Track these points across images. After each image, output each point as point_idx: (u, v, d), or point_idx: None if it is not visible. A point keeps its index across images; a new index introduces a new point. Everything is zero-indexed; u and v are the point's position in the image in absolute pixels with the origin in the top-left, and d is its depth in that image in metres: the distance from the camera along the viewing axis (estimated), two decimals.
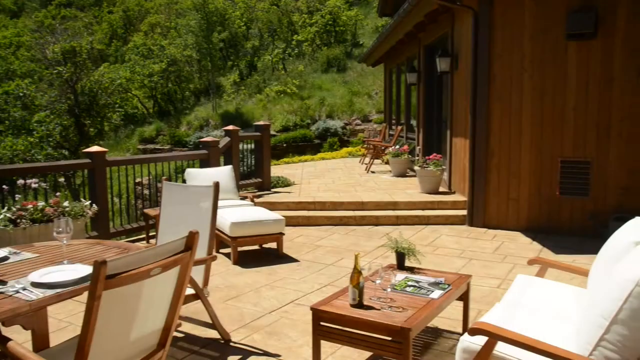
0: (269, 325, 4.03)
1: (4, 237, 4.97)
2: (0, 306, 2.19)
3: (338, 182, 10.03)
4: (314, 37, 28.47)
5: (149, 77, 27.04)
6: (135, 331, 2.32)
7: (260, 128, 9.08)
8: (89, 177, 6.44)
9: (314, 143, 19.87)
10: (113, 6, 43.52)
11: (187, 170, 6.59)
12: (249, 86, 26.93)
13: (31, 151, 19.23)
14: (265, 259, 5.91)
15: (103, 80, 22.98)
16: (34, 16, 47.53)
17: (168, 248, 2.27)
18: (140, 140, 25.03)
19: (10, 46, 40.21)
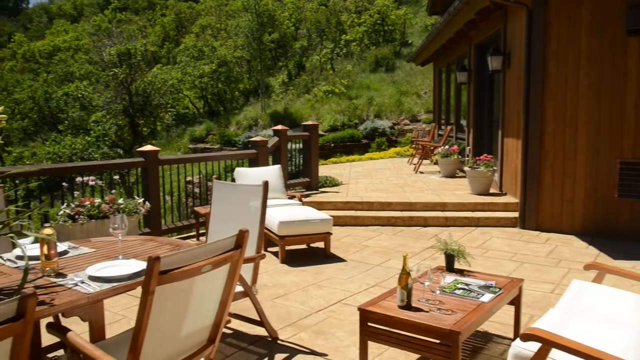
0: (316, 324, 4.04)
1: (64, 232, 5.18)
2: (61, 298, 2.28)
3: (386, 182, 9.96)
4: (363, 36, 28.38)
5: (200, 77, 27.61)
6: (186, 326, 2.37)
7: (308, 128, 9.12)
8: (142, 175, 6.63)
9: (362, 143, 19.80)
10: (166, 9, 44.70)
11: (237, 169, 6.69)
12: (298, 86, 27.10)
13: (88, 150, 19.98)
14: (313, 258, 5.93)
15: (156, 81, 23.64)
16: (92, 20, 49.39)
17: (219, 246, 2.30)
18: (190, 140, 25.59)
19: (70, 49, 41.94)
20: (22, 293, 1.65)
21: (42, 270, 2.60)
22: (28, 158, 21.53)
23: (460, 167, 10.49)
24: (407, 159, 13.88)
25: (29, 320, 1.67)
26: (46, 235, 2.55)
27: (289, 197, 6.94)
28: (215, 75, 27.69)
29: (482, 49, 10.13)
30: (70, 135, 22.19)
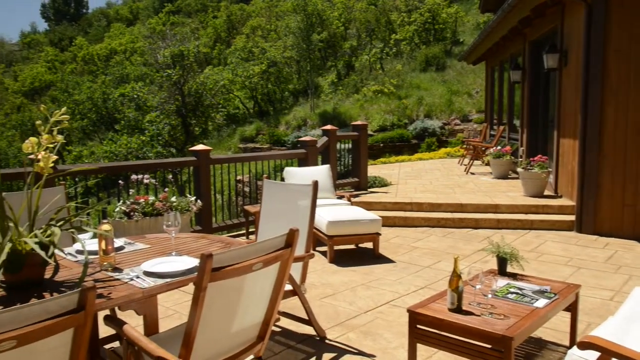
0: (364, 325, 4.02)
1: (120, 228, 5.36)
2: (117, 292, 2.36)
3: (436, 183, 9.82)
4: (413, 35, 28.07)
5: (250, 78, 27.98)
6: (237, 323, 2.41)
7: (357, 128, 9.10)
8: (194, 174, 6.78)
9: (411, 143, 19.59)
10: (217, 11, 45.56)
11: (286, 168, 6.74)
12: (347, 86, 27.07)
13: (143, 149, 20.61)
14: (361, 258, 5.91)
15: (207, 82, 24.13)
16: (147, 23, 50.88)
17: (269, 244, 2.32)
18: (240, 139, 25.97)
19: (126, 52, 43.37)
20: (82, 286, 1.71)
21: (100, 264, 2.69)
22: (87, 157, 22.38)
23: (513, 168, 10.23)
24: (458, 159, 13.64)
25: (89, 312, 1.73)
26: (104, 231, 2.64)
27: (338, 197, 6.94)
28: (265, 75, 28.00)
29: (537, 47, 9.84)
30: (126, 134, 22.94)
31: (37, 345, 1.64)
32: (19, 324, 1.57)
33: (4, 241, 2.31)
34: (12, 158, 24.08)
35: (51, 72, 45.66)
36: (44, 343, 1.66)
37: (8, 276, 2.33)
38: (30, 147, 2.52)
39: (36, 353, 1.67)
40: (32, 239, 2.32)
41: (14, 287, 2.38)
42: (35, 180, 2.55)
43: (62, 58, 50.05)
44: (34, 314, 1.61)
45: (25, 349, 1.60)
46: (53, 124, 2.56)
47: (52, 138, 2.56)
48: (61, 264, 2.73)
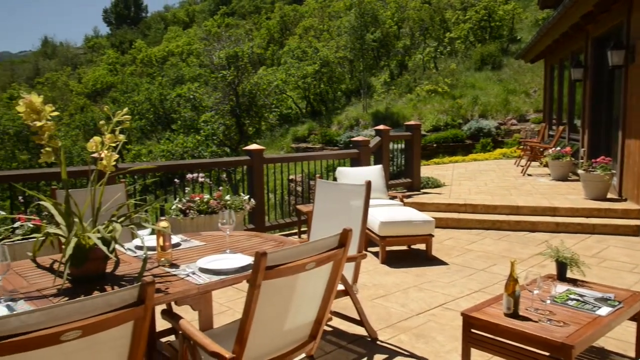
0: (416, 327, 3.97)
1: (176, 225, 5.50)
2: (174, 287, 2.42)
3: (491, 184, 9.59)
4: (468, 33, 27.52)
5: (303, 78, 28.17)
6: (289, 321, 2.43)
7: (410, 128, 9.00)
8: (248, 173, 6.88)
9: (466, 143, 19.21)
10: (271, 12, 46.12)
11: (339, 168, 6.75)
12: (399, 86, 26.85)
13: (198, 148, 21.11)
14: (414, 260, 5.84)
15: (261, 82, 24.46)
16: (203, 25, 52.09)
17: (323, 244, 2.33)
18: (293, 139, 26.18)
19: (182, 54, 44.55)
20: (142, 281, 1.77)
21: (157, 260, 2.77)
22: (145, 155, 23.13)
23: (573, 170, 9.85)
24: (514, 160, 13.27)
25: (148, 305, 1.78)
26: (162, 227, 2.72)
27: (390, 197, 6.89)
28: (317, 75, 28.13)
29: (601, 43, 9.44)
30: (182, 134, 23.56)
31: (100, 335, 1.70)
32: (84, 315, 1.64)
33: (69, 236, 2.41)
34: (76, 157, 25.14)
35: (112, 74, 47.47)
36: (106, 334, 1.72)
37: (73, 269, 2.43)
38: (94, 146, 2.62)
39: (99, 343, 1.74)
40: (95, 234, 2.41)
41: (78, 280, 2.48)
42: (98, 178, 2.65)
43: (123, 60, 51.92)
44: (97, 306, 1.68)
45: (89, 338, 1.66)
46: (115, 124, 2.66)
47: (115, 137, 2.65)
48: (121, 259, 2.83)
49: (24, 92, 2.51)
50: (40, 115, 2.46)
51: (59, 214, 2.56)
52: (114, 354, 1.83)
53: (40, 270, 2.71)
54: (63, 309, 1.61)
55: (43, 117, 2.46)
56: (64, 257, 2.32)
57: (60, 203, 2.59)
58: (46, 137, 2.48)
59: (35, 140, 2.51)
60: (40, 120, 2.46)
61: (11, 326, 1.52)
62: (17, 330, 1.52)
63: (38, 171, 5.68)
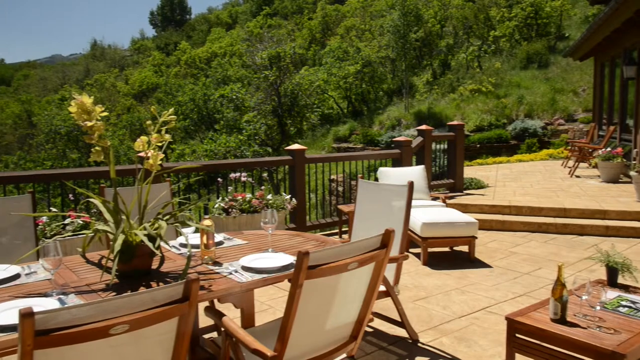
0: (458, 330, 3.91)
1: (219, 223, 5.59)
2: (217, 285, 2.46)
3: (536, 186, 9.35)
4: (513, 31, 26.91)
5: (344, 78, 28.15)
6: (331, 321, 2.43)
7: (453, 128, 8.87)
8: (290, 172, 6.92)
9: (510, 144, 18.80)
10: (313, 13, 46.27)
11: (380, 169, 6.71)
12: (442, 85, 26.50)
13: (241, 148, 21.37)
14: (456, 261, 5.75)
15: (303, 82, 24.57)
16: (246, 26, 52.74)
17: (365, 244, 2.32)
18: (334, 139, 26.20)
19: (226, 54, 45.22)
20: (187, 278, 1.80)
21: (201, 258, 2.82)
22: (188, 155, 23.57)
23: (625, 171, 9.50)
24: (561, 161, 12.91)
25: (192, 302, 1.81)
26: (206, 226, 2.76)
27: (432, 198, 6.81)
28: (359, 75, 28.07)
29: None
30: (225, 134, 23.91)
31: (146, 330, 1.74)
32: (131, 309, 1.68)
33: (117, 233, 2.48)
34: (122, 155, 25.87)
35: (157, 75, 48.62)
36: (152, 329, 1.76)
37: (120, 265, 2.50)
38: (141, 145, 2.68)
39: (145, 337, 1.78)
40: (141, 232, 2.47)
41: (125, 276, 2.55)
42: (144, 177, 2.71)
43: (168, 62, 53.11)
44: (144, 301, 1.72)
45: (136, 333, 1.71)
46: (161, 124, 2.72)
47: (161, 137, 2.71)
48: (166, 256, 2.89)
49: (75, 93, 2.59)
50: (91, 116, 2.54)
51: (108, 212, 2.63)
52: (159, 349, 1.87)
53: (89, 266, 2.79)
54: (111, 304, 1.66)
55: (93, 118, 2.54)
56: (112, 253, 2.38)
57: (108, 201, 2.67)
58: (96, 137, 2.56)
59: (86, 140, 2.58)
60: (91, 120, 2.53)
61: (63, 319, 1.57)
62: (68, 323, 1.58)
63: (87, 170, 5.87)
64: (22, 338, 1.50)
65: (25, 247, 3.39)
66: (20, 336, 1.50)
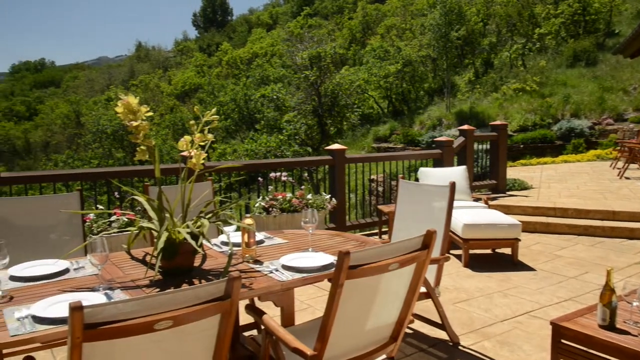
0: (500, 334, 3.83)
1: (259, 223, 5.64)
2: (258, 283, 2.48)
3: (583, 187, 9.07)
4: (559, 29, 26.21)
5: (385, 78, 28.00)
6: (371, 321, 2.41)
7: (496, 128, 8.70)
8: (330, 172, 6.92)
9: (555, 144, 18.31)
10: (353, 12, 46.19)
11: (421, 169, 6.64)
12: (484, 84, 26.04)
13: (281, 147, 21.52)
14: (498, 264, 5.63)
15: (343, 82, 24.55)
16: (286, 27, 53.10)
17: (406, 245, 2.30)
18: (374, 139, 26.10)
19: (266, 55, 45.65)
20: (229, 276, 1.82)
21: (242, 256, 2.85)
22: (229, 154, 23.90)
23: None
24: (610, 162, 12.49)
25: (234, 300, 1.83)
26: (247, 224, 2.79)
27: (474, 199, 6.69)
28: (400, 75, 27.86)
29: None
30: (265, 133, 24.13)
31: (189, 326, 1.77)
32: (174, 306, 1.71)
33: (161, 230, 2.53)
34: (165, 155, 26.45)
35: (199, 75, 49.51)
36: (194, 325, 1.79)
37: (164, 262, 2.55)
38: (185, 144, 2.73)
39: (188, 334, 1.81)
40: (184, 229, 2.52)
41: (168, 272, 2.60)
42: (187, 176, 2.76)
43: (209, 62, 53.99)
44: (186, 298, 1.74)
45: (179, 329, 1.74)
46: (204, 123, 2.76)
47: (203, 137, 2.75)
48: (208, 254, 2.93)
49: (122, 94, 2.66)
50: (136, 116, 2.59)
51: (152, 209, 2.69)
52: (201, 345, 1.90)
53: (134, 262, 2.86)
54: (156, 300, 1.69)
55: (139, 118, 2.60)
56: (156, 250, 2.43)
57: (153, 199, 2.72)
58: (141, 136, 2.62)
59: (131, 139, 2.65)
60: (136, 120, 2.59)
61: (109, 313, 1.61)
62: (114, 317, 1.62)
63: (132, 168, 6.02)
64: (71, 331, 1.54)
65: (74, 243, 3.50)
66: (70, 329, 1.54)
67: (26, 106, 59.21)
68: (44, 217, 3.54)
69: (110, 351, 1.67)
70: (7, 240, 2.41)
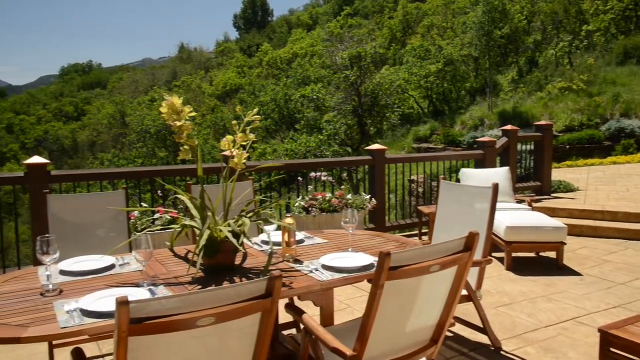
0: (544, 340, 3.72)
1: (299, 222, 5.66)
2: (298, 282, 2.48)
3: (634, 190, 8.74)
4: (609, 25, 25.36)
5: (425, 77, 27.70)
6: (411, 323, 2.39)
7: (540, 128, 8.49)
8: (369, 172, 6.89)
9: (603, 145, 17.72)
10: (394, 12, 45.87)
11: (462, 170, 6.54)
12: (528, 83, 25.45)
13: (320, 147, 21.56)
14: (542, 268, 5.49)
15: (383, 82, 24.42)
16: (326, 27, 53.19)
17: (448, 246, 2.26)
18: (414, 139, 25.85)
19: (306, 55, 45.84)
20: (271, 274, 1.83)
21: (282, 255, 2.86)
22: (269, 154, 24.10)
23: None
24: None
25: (275, 298, 1.84)
26: (288, 224, 2.80)
27: (517, 201, 6.54)
28: (440, 74, 27.51)
29: None
30: (305, 133, 24.22)
31: (230, 324, 1.79)
32: (216, 303, 1.73)
33: (203, 228, 2.57)
34: (206, 154, 26.87)
35: (240, 76, 50.12)
36: (236, 323, 1.80)
37: (205, 259, 2.59)
38: (227, 144, 2.76)
39: (229, 331, 1.83)
40: (226, 228, 2.55)
41: (210, 270, 2.63)
42: (229, 175, 2.79)
43: (250, 63, 54.61)
44: (228, 296, 1.76)
45: (220, 326, 1.76)
46: (246, 123, 2.78)
47: (245, 136, 2.78)
48: (248, 252, 2.96)
49: (166, 94, 2.71)
50: (180, 116, 2.64)
51: (195, 208, 2.73)
52: (241, 343, 1.92)
53: (176, 259, 2.91)
54: (198, 297, 1.72)
55: (182, 118, 2.65)
56: (198, 247, 2.47)
57: (195, 197, 2.77)
58: (184, 136, 2.66)
59: (175, 139, 2.70)
60: (180, 120, 2.64)
61: (153, 309, 1.64)
62: (157, 312, 1.65)
63: (175, 167, 6.13)
64: (118, 325, 1.58)
65: (119, 239, 3.59)
66: (117, 323, 1.58)
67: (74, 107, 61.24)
68: (92, 214, 3.65)
69: (153, 346, 1.71)
70: (58, 235, 2.49)
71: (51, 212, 3.51)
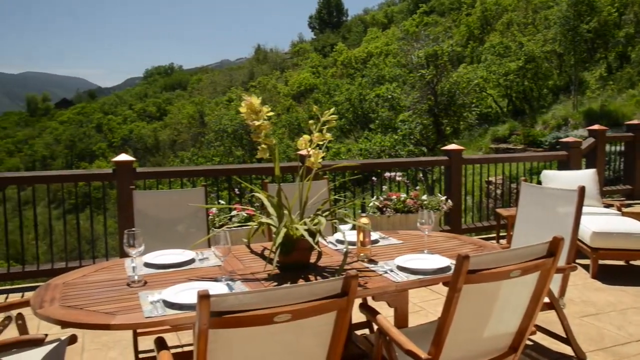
0: (635, 355, 3.49)
1: (373, 222, 5.62)
2: (373, 282, 2.47)
3: None
4: None
5: (505, 75, 26.74)
6: (489, 329, 2.31)
7: (632, 128, 7.97)
8: (445, 173, 6.75)
9: None
10: (472, 8, 44.63)
11: (544, 172, 6.26)
12: (619, 80, 23.96)
13: (395, 147, 21.37)
14: (633, 277, 5.16)
15: (461, 81, 23.84)
16: (402, 25, 52.61)
17: (529, 251, 2.17)
18: (492, 139, 25.02)
19: (381, 54, 45.55)
20: (346, 274, 1.83)
21: (357, 255, 2.86)
22: (344, 154, 24.15)
23: None
24: None
25: (351, 298, 1.84)
26: (363, 223, 2.79)
27: (605, 205, 6.19)
28: (521, 72, 26.45)
29: None
30: (379, 133, 24.09)
31: (306, 321, 1.81)
32: (292, 300, 1.75)
33: (279, 226, 2.61)
34: (281, 153, 27.36)
35: (315, 76, 50.55)
36: (311, 320, 1.82)
37: (281, 257, 2.63)
38: (304, 143, 2.79)
39: (305, 328, 1.85)
40: (302, 226, 2.57)
41: (285, 268, 2.67)
42: (305, 174, 2.82)
43: (325, 63, 54.95)
44: (303, 294, 1.78)
45: (296, 323, 1.78)
46: (322, 123, 2.80)
47: (322, 136, 2.80)
48: (323, 251, 2.97)
49: (244, 95, 2.78)
50: (258, 115, 2.70)
51: (272, 206, 2.78)
52: (317, 341, 1.93)
53: (253, 255, 2.98)
54: (274, 293, 1.75)
55: (260, 117, 2.70)
56: (274, 245, 2.51)
57: (272, 196, 2.82)
58: (262, 136, 2.72)
59: (253, 138, 2.76)
60: (258, 119, 2.70)
61: (231, 303, 1.69)
62: (235, 307, 1.69)
63: (251, 166, 6.28)
64: (199, 317, 1.64)
65: (198, 235, 3.72)
66: (198, 315, 1.64)
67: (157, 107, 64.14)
68: (173, 209, 3.81)
69: (231, 339, 1.75)
70: (141, 229, 2.61)
71: (136, 207, 3.70)
